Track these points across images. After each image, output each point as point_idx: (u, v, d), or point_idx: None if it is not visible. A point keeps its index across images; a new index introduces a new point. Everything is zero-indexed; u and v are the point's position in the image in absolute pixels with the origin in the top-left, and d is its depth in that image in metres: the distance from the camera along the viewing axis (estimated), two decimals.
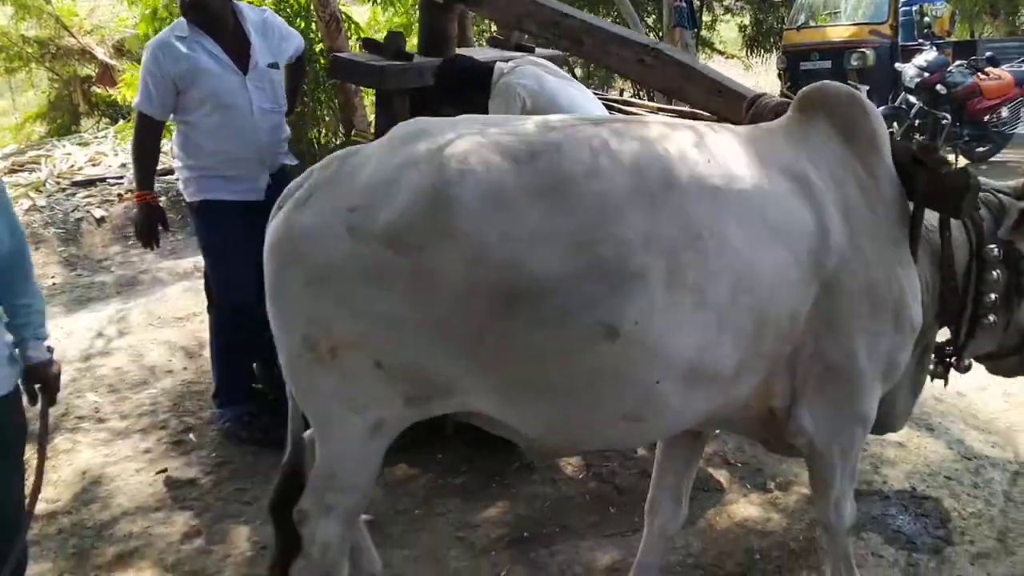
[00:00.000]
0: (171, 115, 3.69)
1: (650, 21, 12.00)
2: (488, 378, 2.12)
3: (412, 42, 5.62)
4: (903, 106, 9.32)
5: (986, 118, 9.50)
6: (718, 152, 2.27)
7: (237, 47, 3.67)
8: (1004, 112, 9.55)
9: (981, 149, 9.81)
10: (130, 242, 6.88)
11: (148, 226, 3.77)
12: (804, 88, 2.55)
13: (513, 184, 2.05)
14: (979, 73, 9.50)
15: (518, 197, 2.04)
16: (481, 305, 2.02)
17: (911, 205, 2.45)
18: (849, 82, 10.17)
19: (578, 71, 12.23)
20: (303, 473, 2.36)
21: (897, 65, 9.99)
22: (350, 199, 2.06)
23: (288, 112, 3.95)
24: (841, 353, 2.33)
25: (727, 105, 2.99)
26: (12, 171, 8.06)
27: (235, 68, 3.64)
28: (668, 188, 2.13)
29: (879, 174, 2.41)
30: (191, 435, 3.91)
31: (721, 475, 3.54)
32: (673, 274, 2.08)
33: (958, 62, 9.81)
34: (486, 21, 11.44)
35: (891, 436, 3.80)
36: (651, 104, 4.62)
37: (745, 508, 3.34)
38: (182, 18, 3.65)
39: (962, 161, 9.63)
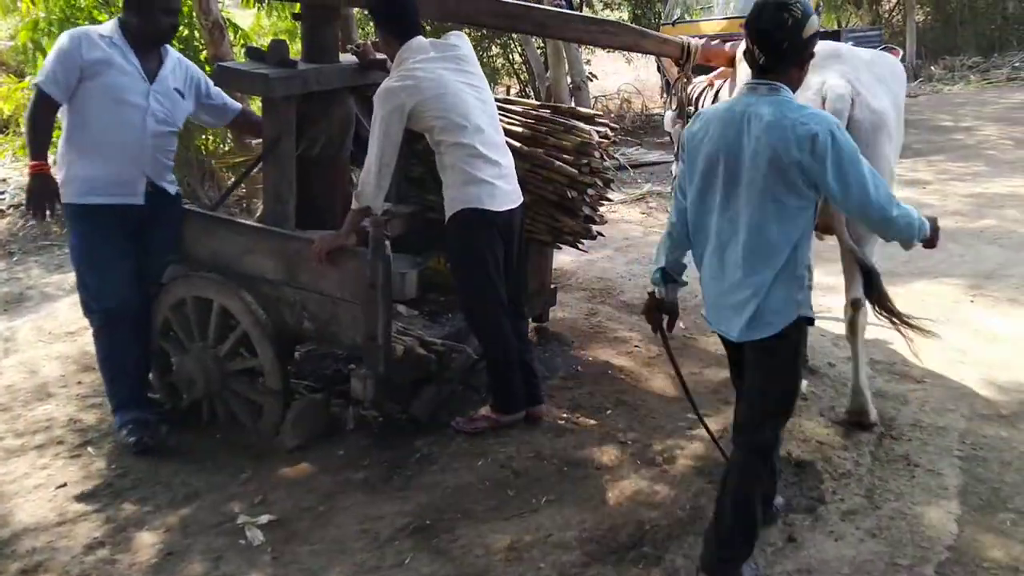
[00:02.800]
0: (66, 101, 3.71)
1: None
2: None
3: (295, 48, 5.65)
4: None
5: None
6: None
7: (151, 63, 3.84)
8: None
9: None
10: (15, 259, 6.71)
11: (42, 195, 3.73)
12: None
13: None
14: None
15: None
16: None
17: None
18: None
19: None
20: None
21: None
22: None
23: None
24: None
25: (669, 49, 4.39)
26: None
27: (143, 76, 3.79)
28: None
29: None
30: (89, 448, 3.89)
31: (612, 453, 3.72)
32: None
33: None
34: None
35: None
36: (530, 102, 4.79)
37: (635, 483, 3.52)
38: (114, 21, 3.80)
39: None
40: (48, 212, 3.75)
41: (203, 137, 7.82)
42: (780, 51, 2.63)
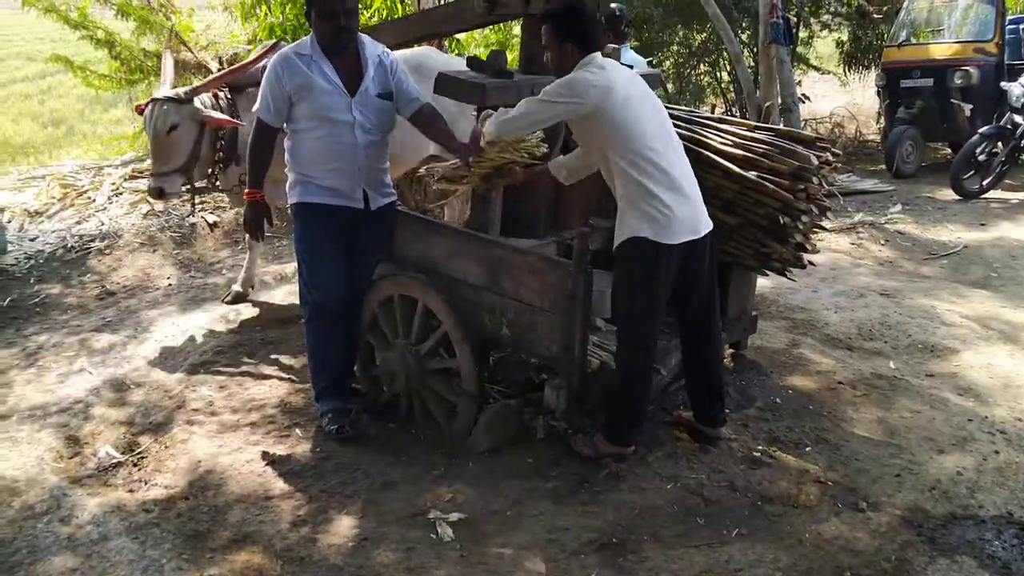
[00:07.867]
0: (284, 124, 3.95)
1: (745, 37, 11.79)
2: None
3: (512, 57, 5.77)
4: (1008, 126, 9.02)
5: None
6: None
7: (352, 72, 3.92)
8: None
9: None
10: (240, 247, 7.20)
11: (256, 220, 4.08)
12: None
13: None
14: None
15: None
16: None
17: None
18: (952, 101, 9.91)
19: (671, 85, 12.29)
20: None
21: (1002, 84, 9.67)
22: None
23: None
24: None
25: None
26: (131, 177, 8.48)
27: (344, 90, 3.88)
28: None
29: None
30: (297, 430, 4.12)
31: (811, 492, 3.55)
32: None
33: None
34: None
35: (989, 463, 3.76)
36: (746, 123, 4.63)
37: (835, 526, 3.34)
38: (308, 37, 3.93)
39: None
40: (260, 236, 4.33)
41: None
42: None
